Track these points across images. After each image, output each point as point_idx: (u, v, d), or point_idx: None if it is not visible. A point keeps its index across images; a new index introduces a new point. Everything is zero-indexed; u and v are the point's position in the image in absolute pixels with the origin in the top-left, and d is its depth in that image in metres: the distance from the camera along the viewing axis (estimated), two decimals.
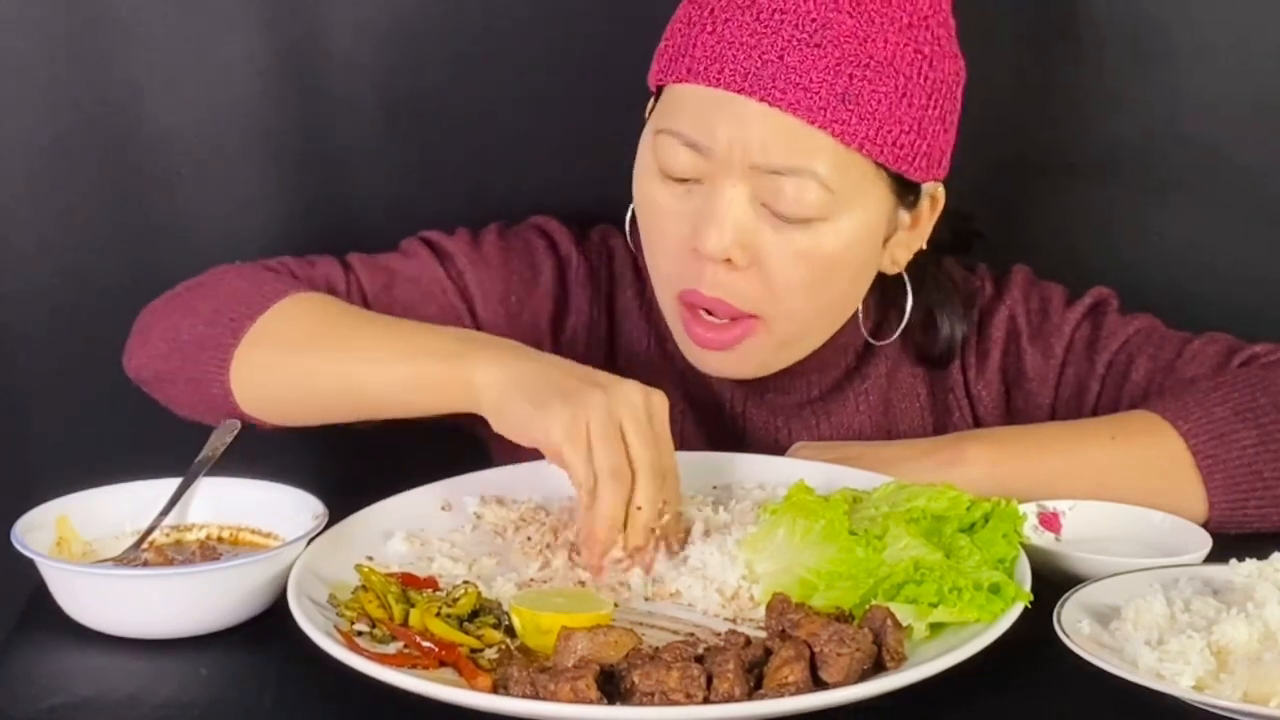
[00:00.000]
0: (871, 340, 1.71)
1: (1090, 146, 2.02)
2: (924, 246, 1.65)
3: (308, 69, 1.93)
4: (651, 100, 1.64)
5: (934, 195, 1.63)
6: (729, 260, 1.55)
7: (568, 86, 1.95)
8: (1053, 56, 2.00)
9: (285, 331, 1.58)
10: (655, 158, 1.58)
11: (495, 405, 1.44)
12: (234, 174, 1.94)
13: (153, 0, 1.90)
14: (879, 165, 1.55)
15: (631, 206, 1.68)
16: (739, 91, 1.53)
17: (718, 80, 1.54)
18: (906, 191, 1.60)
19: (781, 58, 1.52)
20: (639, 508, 1.39)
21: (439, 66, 1.94)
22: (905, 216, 1.62)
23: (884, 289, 1.69)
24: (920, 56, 1.55)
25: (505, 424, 1.43)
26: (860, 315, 1.68)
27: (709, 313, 1.59)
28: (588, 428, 1.38)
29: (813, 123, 1.52)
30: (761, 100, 1.52)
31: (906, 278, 1.67)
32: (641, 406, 1.40)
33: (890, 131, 1.54)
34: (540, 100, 1.96)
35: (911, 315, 1.69)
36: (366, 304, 1.69)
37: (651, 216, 1.61)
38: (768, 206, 1.54)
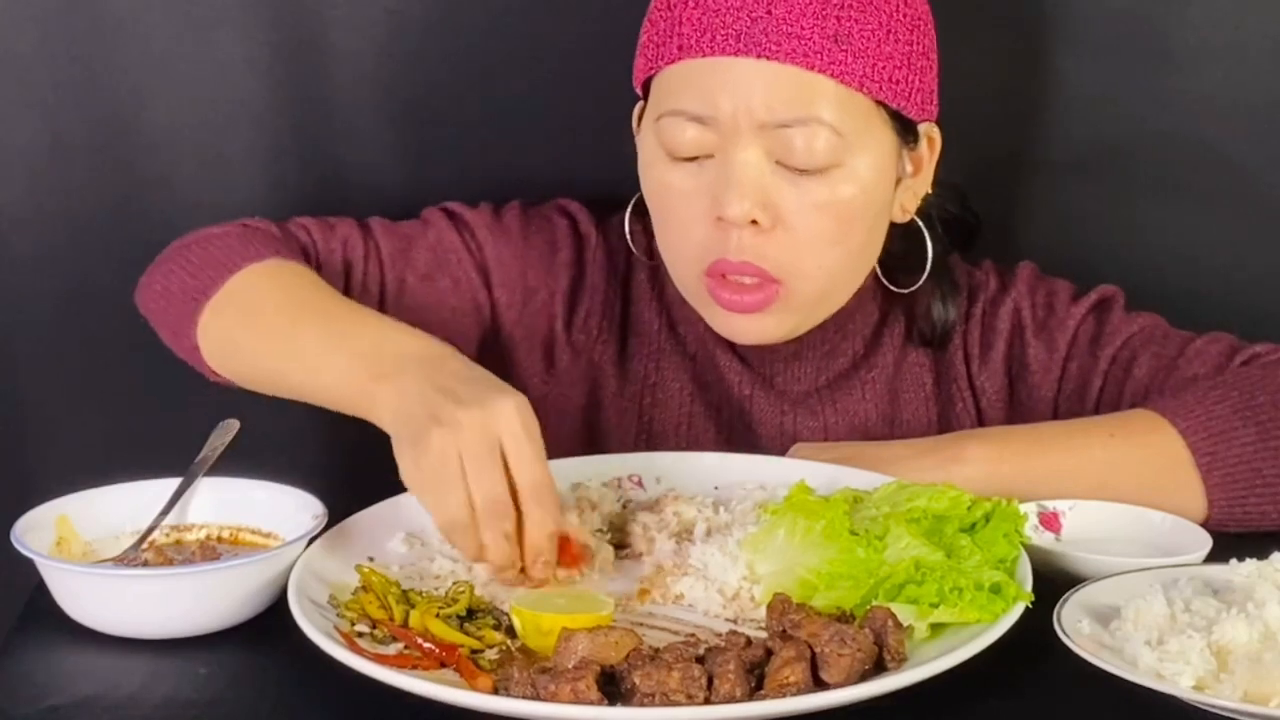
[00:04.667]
0: (894, 289, 1.72)
1: (1089, 144, 2.01)
2: (930, 191, 1.68)
3: (308, 69, 1.93)
4: (640, 104, 1.66)
5: (930, 136, 1.65)
6: (754, 223, 1.57)
7: (568, 85, 1.95)
8: (1050, 54, 1.99)
9: (243, 303, 1.58)
10: (661, 142, 1.60)
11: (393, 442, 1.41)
12: (234, 174, 1.94)
13: (153, 0, 1.90)
14: (878, 104, 1.58)
15: (631, 202, 1.70)
16: (735, 54, 1.55)
17: (711, 48, 1.55)
18: (906, 133, 1.62)
19: (770, 12, 1.54)
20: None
21: (439, 65, 1.94)
22: (908, 162, 1.64)
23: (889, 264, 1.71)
24: None
25: None
26: (878, 274, 1.71)
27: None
28: (427, 472, 1.35)
29: (811, 68, 1.54)
30: (759, 57, 1.54)
31: (921, 224, 1.69)
32: (476, 440, 1.34)
33: (884, 68, 1.56)
34: (541, 98, 1.96)
35: (907, 295, 1.71)
36: (382, 268, 1.71)
37: (668, 201, 1.62)
38: (782, 163, 1.56)
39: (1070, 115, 2.00)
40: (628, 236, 1.75)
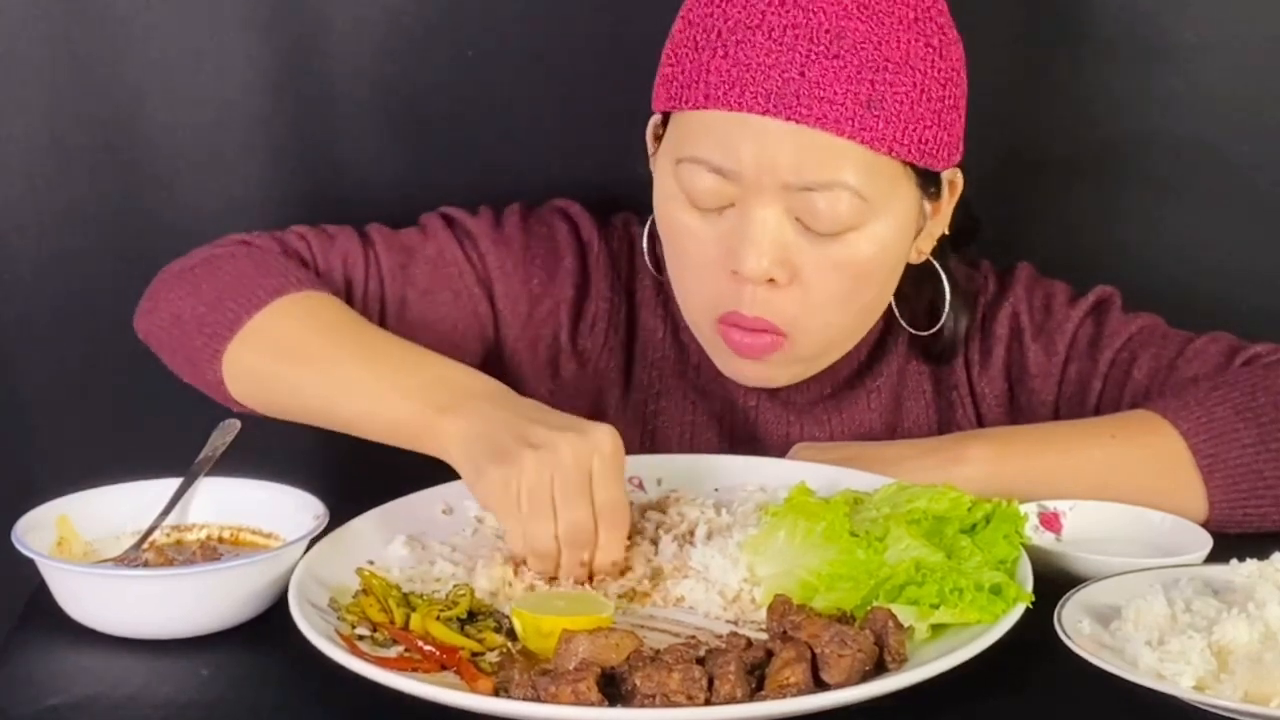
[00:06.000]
0: (912, 330, 1.71)
1: (1089, 144, 2.02)
2: (946, 231, 1.66)
3: (308, 69, 1.93)
4: (656, 119, 1.62)
5: (952, 180, 1.63)
6: (771, 280, 1.55)
7: (568, 85, 1.95)
8: (1052, 54, 2.00)
9: (277, 337, 1.57)
10: (680, 186, 1.57)
11: (459, 465, 1.43)
12: (234, 174, 1.94)
13: (153, 0, 1.90)
14: (905, 164, 1.55)
15: (649, 223, 1.68)
16: (764, 113, 1.51)
17: (739, 104, 1.52)
18: (929, 183, 1.60)
19: (803, 73, 1.50)
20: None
21: (439, 66, 1.94)
22: (928, 207, 1.62)
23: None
24: (931, 50, 1.55)
25: (466, 483, 1.43)
26: (892, 306, 1.69)
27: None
28: (518, 494, 1.37)
29: (841, 134, 1.51)
30: (788, 119, 1.50)
31: (936, 264, 1.67)
32: (572, 465, 1.37)
33: (915, 130, 1.53)
34: (541, 99, 1.96)
35: (918, 308, 1.70)
36: (383, 285, 1.70)
37: (682, 242, 1.60)
38: (802, 221, 1.54)
39: (1070, 115, 2.00)
40: (645, 254, 1.73)
